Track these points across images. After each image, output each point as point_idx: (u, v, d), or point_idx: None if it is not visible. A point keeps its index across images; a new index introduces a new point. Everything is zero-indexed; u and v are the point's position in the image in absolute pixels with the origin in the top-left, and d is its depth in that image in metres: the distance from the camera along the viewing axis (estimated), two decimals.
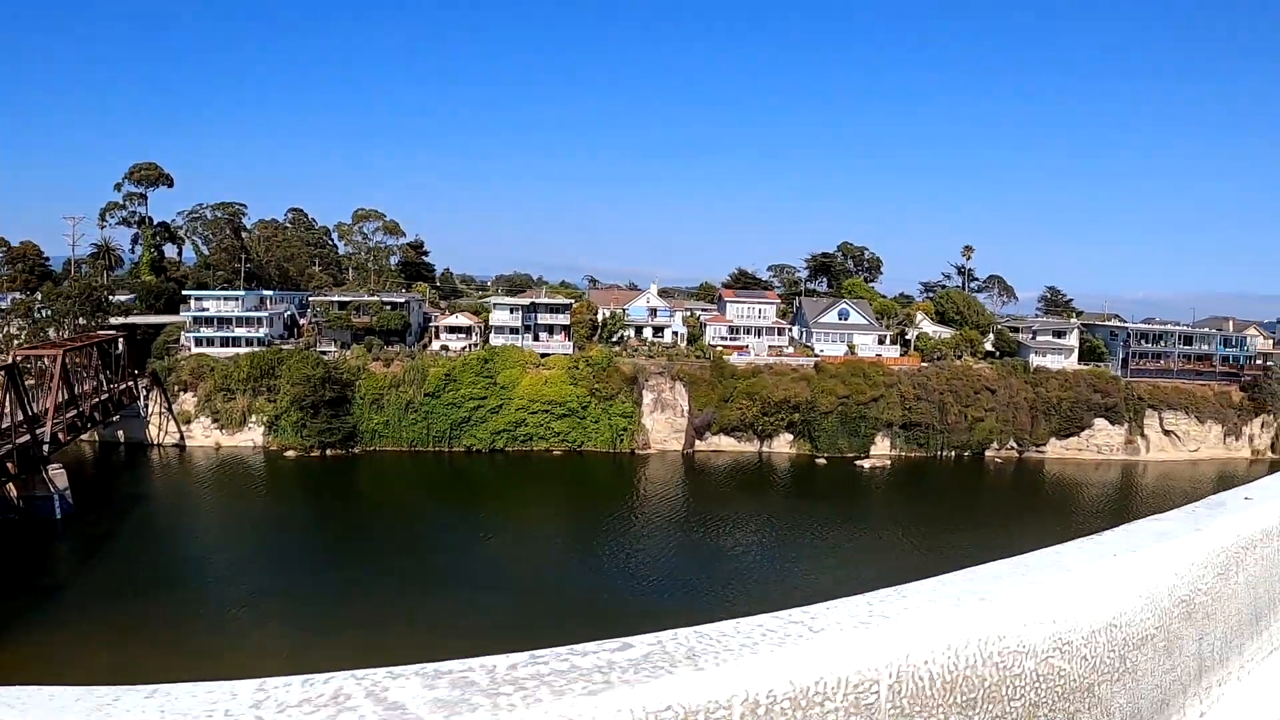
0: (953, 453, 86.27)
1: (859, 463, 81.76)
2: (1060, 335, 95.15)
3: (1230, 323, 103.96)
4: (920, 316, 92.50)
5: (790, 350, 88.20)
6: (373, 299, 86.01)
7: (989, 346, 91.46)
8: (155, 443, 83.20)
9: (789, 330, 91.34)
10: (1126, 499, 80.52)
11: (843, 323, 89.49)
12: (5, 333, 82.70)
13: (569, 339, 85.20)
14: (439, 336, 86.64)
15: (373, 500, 72.10)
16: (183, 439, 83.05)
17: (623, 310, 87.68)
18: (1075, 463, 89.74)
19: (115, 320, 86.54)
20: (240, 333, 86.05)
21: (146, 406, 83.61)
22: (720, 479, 78.21)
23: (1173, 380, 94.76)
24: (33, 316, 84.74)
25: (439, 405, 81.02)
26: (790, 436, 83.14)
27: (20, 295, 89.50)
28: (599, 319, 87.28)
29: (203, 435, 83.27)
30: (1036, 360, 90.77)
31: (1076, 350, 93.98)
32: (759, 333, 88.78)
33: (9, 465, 54.30)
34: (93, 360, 75.05)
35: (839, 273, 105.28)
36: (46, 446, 59.66)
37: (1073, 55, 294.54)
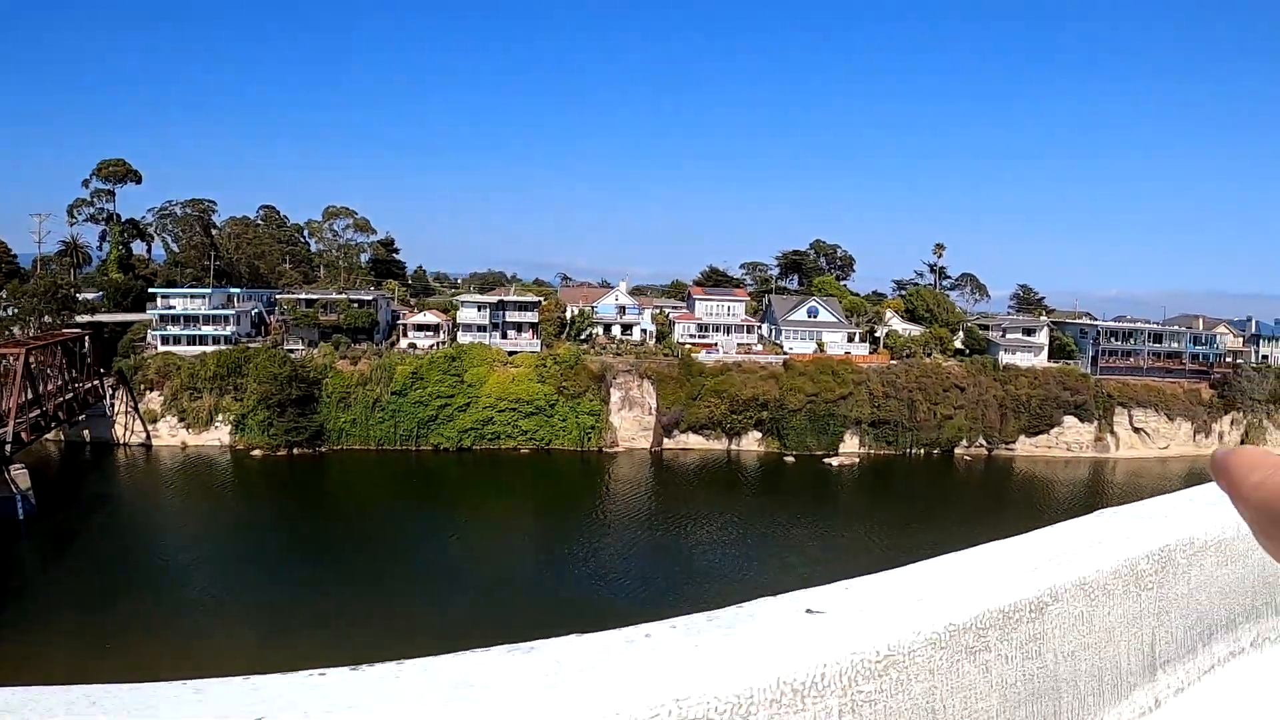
0: (922, 450, 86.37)
1: (827, 460, 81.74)
2: (1030, 333, 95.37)
3: (1200, 321, 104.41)
4: (890, 314, 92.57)
5: (759, 348, 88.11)
6: (340, 297, 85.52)
7: (959, 344, 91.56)
8: (121, 442, 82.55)
9: (758, 328, 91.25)
10: (1094, 496, 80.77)
11: (812, 320, 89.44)
12: None
13: (537, 337, 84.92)
14: (407, 334, 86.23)
15: (338, 500, 71.76)
16: (149, 438, 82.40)
17: (591, 308, 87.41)
18: (1044, 460, 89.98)
19: (82, 318, 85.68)
20: (207, 331, 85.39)
21: (112, 405, 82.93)
22: (688, 477, 78.09)
23: (1143, 378, 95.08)
24: None
25: (406, 404, 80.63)
26: (759, 434, 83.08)
27: None
28: (567, 317, 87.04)
29: (169, 434, 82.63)
30: (1006, 358, 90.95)
31: (1046, 348, 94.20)
32: (728, 330, 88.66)
33: None
34: (58, 358, 74.41)
35: (810, 270, 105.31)
36: (9, 446, 59.10)
37: (1047, 53, 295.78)
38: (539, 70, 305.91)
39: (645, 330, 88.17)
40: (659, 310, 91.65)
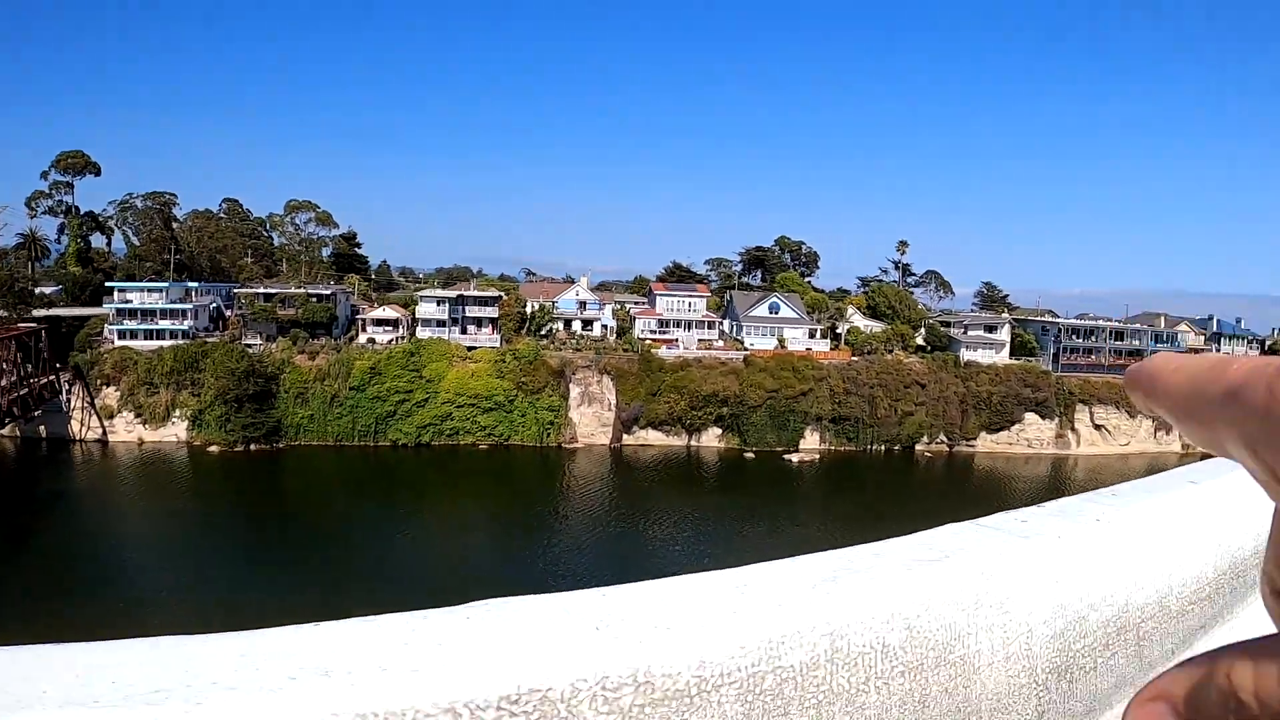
0: (883, 447, 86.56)
1: (787, 457, 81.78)
2: (991, 330, 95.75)
3: (1162, 319, 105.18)
4: (851, 311, 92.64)
5: (720, 344, 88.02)
6: (298, 291, 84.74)
7: (920, 341, 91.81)
8: (77, 438, 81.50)
9: (720, 324, 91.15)
10: (1054, 492, 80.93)
11: (773, 316, 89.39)
12: None
13: (496, 332, 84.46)
14: (366, 329, 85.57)
15: (294, 496, 71.21)
16: (105, 434, 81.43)
17: (552, 303, 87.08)
18: (1005, 456, 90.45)
19: (39, 312, 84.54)
20: (164, 325, 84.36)
21: (68, 401, 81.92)
22: (647, 473, 77.95)
23: (1104, 375, 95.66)
24: None
25: (364, 399, 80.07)
26: (719, 430, 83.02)
27: None
28: (528, 312, 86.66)
29: (125, 430, 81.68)
30: (967, 355, 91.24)
31: (1008, 345, 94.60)
32: (689, 326, 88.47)
33: None
34: (12, 353, 73.32)
35: (774, 266, 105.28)
36: None
37: (1010, 55, 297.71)
38: (508, 65, 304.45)
39: (606, 326, 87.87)
40: (620, 306, 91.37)
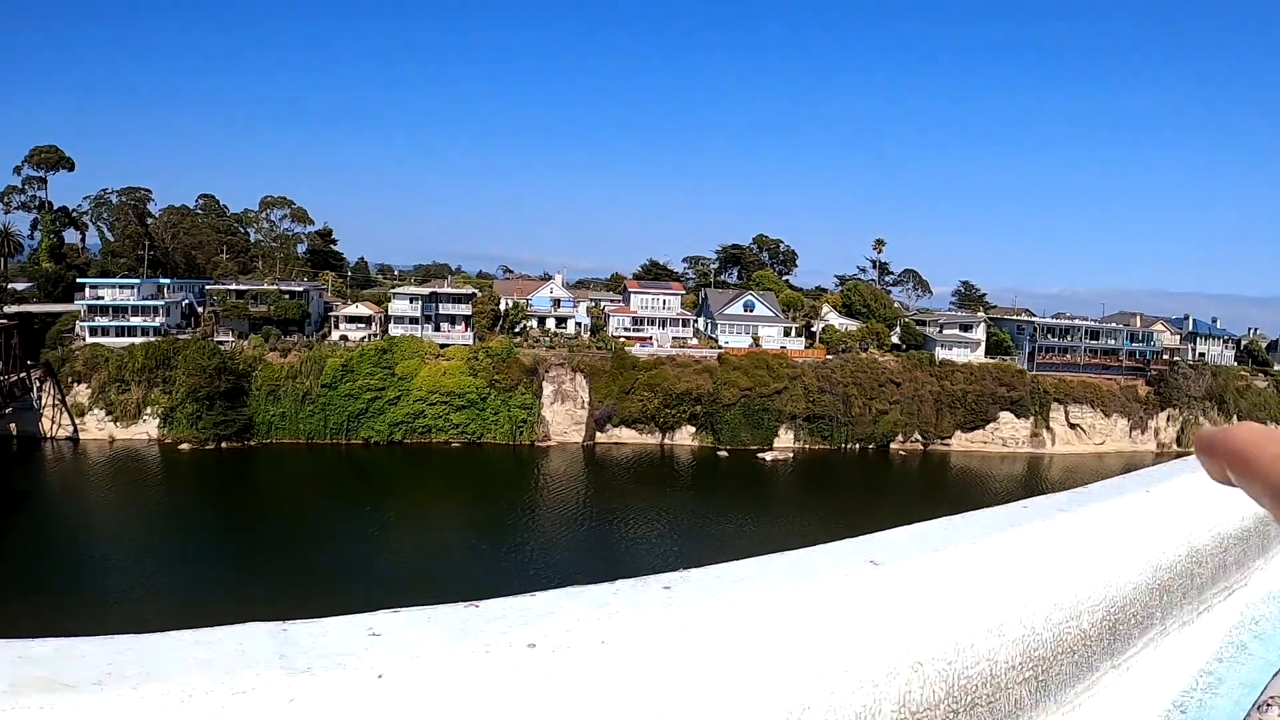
0: (857, 445, 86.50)
1: (761, 455, 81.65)
2: (967, 329, 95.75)
3: (1138, 318, 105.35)
4: (826, 309, 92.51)
5: (694, 342, 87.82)
6: (270, 288, 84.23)
7: (895, 339, 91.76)
8: (48, 436, 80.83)
9: (694, 322, 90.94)
10: (1029, 491, 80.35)
11: (748, 314, 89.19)
12: None
13: (470, 329, 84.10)
14: (339, 326, 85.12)
15: (266, 495, 70.72)
16: (76, 432, 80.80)
17: (526, 300, 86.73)
18: (981, 455, 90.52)
19: (10, 309, 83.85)
20: (136, 322, 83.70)
21: (39, 398, 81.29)
22: (620, 472, 77.71)
23: (1079, 374, 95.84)
24: None
25: (336, 396, 79.61)
26: (692, 429, 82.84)
27: None
28: (502, 309, 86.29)
29: (96, 428, 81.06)
30: (943, 354, 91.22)
31: (983, 344, 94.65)
32: (663, 324, 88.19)
33: None
34: None
35: (750, 264, 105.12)
36: None
37: (998, 52, 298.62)
38: (491, 62, 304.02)
39: (580, 324, 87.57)
40: (595, 304, 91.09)
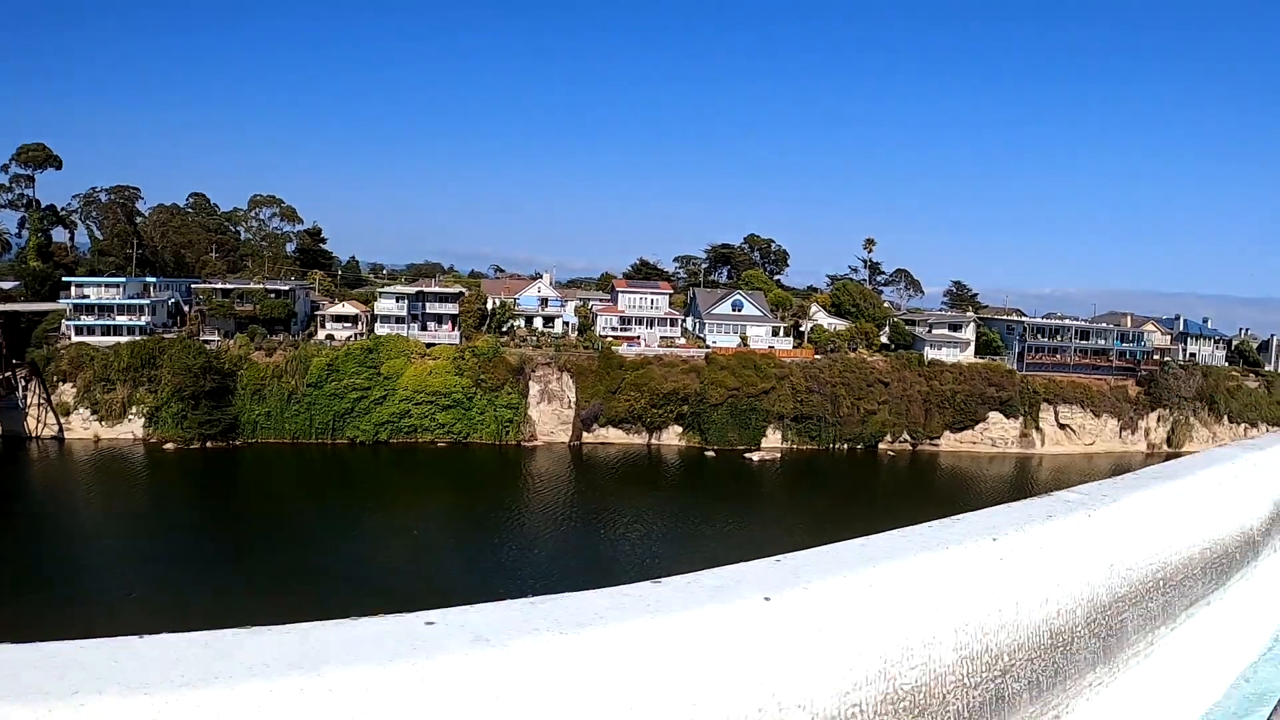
0: (845, 446, 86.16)
1: (748, 455, 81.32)
2: (956, 329, 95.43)
3: (1128, 318, 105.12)
4: (815, 308, 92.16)
5: (682, 341, 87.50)
6: (256, 287, 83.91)
7: (884, 339, 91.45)
8: (33, 435, 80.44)
9: (682, 321, 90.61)
10: (1018, 492, 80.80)
11: (736, 314, 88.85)
12: None
13: (456, 329, 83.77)
14: (325, 326, 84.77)
15: (251, 495, 70.36)
16: (61, 431, 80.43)
17: (513, 300, 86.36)
18: (970, 455, 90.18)
19: None
20: (122, 321, 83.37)
21: (25, 398, 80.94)
22: (606, 472, 77.36)
23: (1069, 374, 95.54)
24: None
25: (321, 396, 79.25)
26: (679, 428, 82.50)
27: None
28: (489, 309, 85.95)
29: (81, 427, 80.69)
30: (932, 353, 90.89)
31: (973, 344, 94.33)
32: (651, 323, 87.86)
33: None
34: None
35: (740, 264, 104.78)
36: None
37: (993, 54, 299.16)
38: (488, 63, 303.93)
39: (567, 323, 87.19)
40: (583, 303, 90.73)
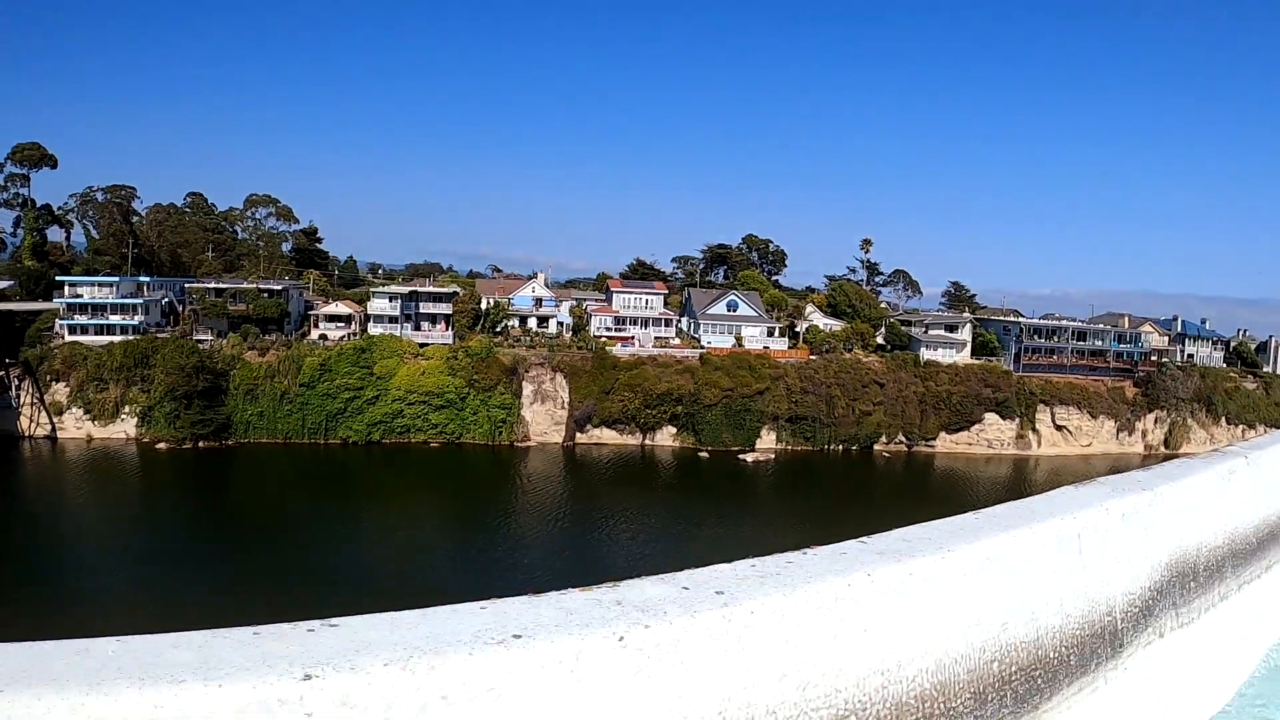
0: (840, 447, 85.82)
1: (742, 456, 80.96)
2: (952, 329, 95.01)
3: (1126, 319, 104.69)
4: (811, 309, 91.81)
5: (676, 341, 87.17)
6: (249, 286, 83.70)
7: (880, 340, 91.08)
8: (26, 434, 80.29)
9: (677, 321, 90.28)
10: (1013, 493, 79.67)
11: (731, 314, 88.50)
12: None
13: (450, 329, 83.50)
14: (318, 325, 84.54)
15: (243, 495, 70.18)
16: (54, 431, 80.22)
17: (507, 300, 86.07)
18: (965, 457, 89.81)
19: None
20: (115, 320, 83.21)
21: (18, 397, 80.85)
22: (599, 473, 77.07)
23: (1066, 375, 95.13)
24: None
25: (314, 396, 79.03)
26: (673, 429, 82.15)
27: None
28: (483, 308, 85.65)
29: (74, 427, 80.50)
30: (928, 354, 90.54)
31: (969, 345, 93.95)
32: (645, 324, 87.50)
33: None
34: None
35: (737, 264, 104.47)
36: None
37: (999, 56, 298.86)
38: (487, 63, 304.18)
39: (562, 323, 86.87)
40: (578, 303, 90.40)
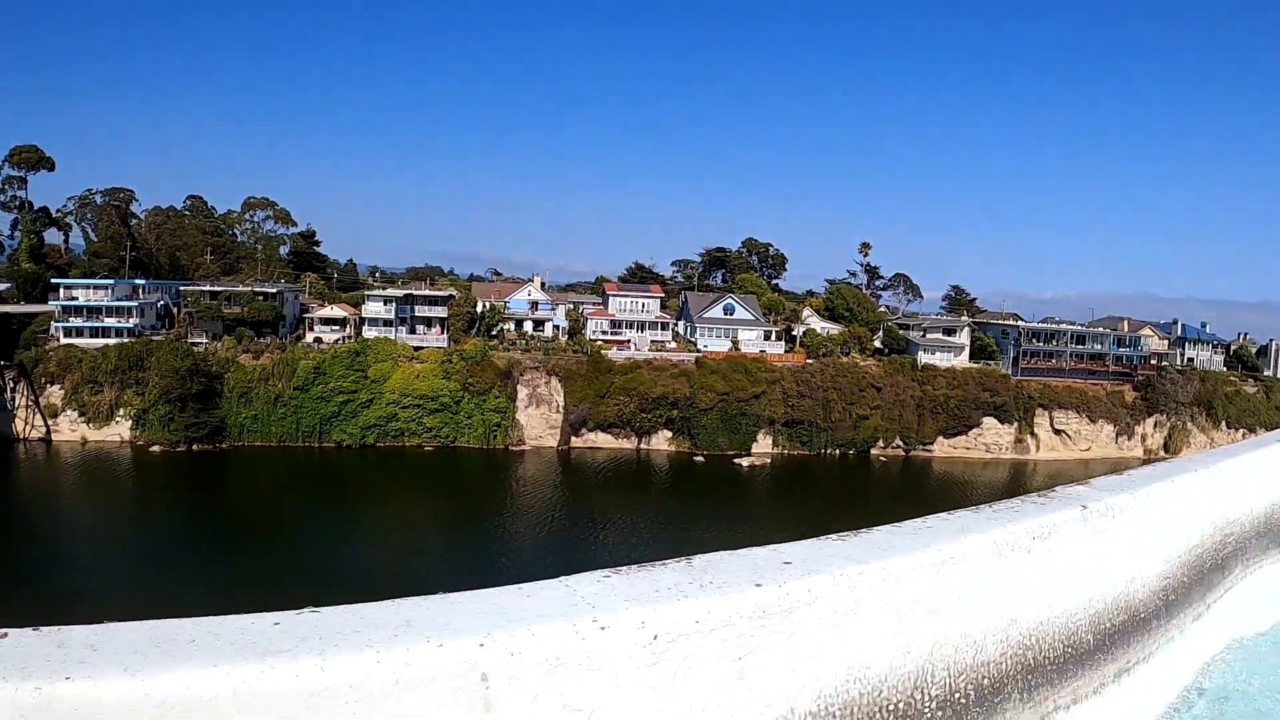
0: (837, 451, 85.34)
1: (738, 461, 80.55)
2: (950, 333, 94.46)
3: (1125, 323, 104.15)
4: (808, 312, 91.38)
5: (672, 345, 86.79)
6: (244, 289, 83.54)
7: (878, 344, 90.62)
8: (21, 437, 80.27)
9: (673, 325, 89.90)
10: (1010, 498, 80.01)
11: (727, 318, 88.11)
12: None
13: (445, 332, 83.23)
14: (313, 328, 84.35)
15: (237, 498, 70.03)
16: (49, 433, 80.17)
17: (503, 303, 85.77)
18: (963, 461, 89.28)
19: None
20: (110, 323, 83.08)
21: (13, 399, 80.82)
22: (593, 477, 76.73)
23: (1065, 379, 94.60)
24: None
25: (308, 399, 78.82)
26: (669, 433, 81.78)
27: None
28: (478, 312, 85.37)
29: (69, 429, 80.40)
30: (925, 358, 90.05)
31: (967, 348, 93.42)
32: (641, 327, 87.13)
33: None
34: None
35: (735, 267, 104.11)
36: None
37: (999, 61, 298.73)
38: (487, 66, 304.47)
39: (558, 326, 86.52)
40: (574, 306, 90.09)
